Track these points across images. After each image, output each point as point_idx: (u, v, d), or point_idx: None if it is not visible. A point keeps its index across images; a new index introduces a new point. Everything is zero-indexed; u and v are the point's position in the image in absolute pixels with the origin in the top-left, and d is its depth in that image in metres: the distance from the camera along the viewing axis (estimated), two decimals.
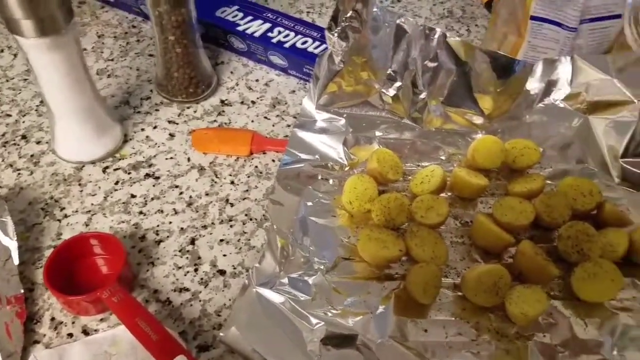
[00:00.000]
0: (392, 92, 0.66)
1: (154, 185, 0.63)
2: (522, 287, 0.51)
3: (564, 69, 0.65)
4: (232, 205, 0.61)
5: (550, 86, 0.65)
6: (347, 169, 0.62)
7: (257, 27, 0.75)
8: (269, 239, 0.53)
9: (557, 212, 0.57)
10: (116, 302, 0.49)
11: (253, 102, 0.73)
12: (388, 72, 0.66)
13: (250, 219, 0.60)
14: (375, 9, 0.63)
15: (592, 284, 0.52)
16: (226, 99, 0.73)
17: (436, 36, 0.64)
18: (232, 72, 0.76)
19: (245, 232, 0.59)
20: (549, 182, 0.62)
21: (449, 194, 0.62)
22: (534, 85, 0.66)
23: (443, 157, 0.65)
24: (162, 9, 0.62)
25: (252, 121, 0.70)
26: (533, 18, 0.68)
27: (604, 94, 0.63)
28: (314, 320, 0.49)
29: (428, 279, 0.51)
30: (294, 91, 0.74)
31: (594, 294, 0.52)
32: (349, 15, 0.62)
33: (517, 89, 0.66)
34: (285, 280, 0.51)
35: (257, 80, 0.76)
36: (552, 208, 0.57)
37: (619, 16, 0.69)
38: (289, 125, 0.70)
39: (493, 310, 0.52)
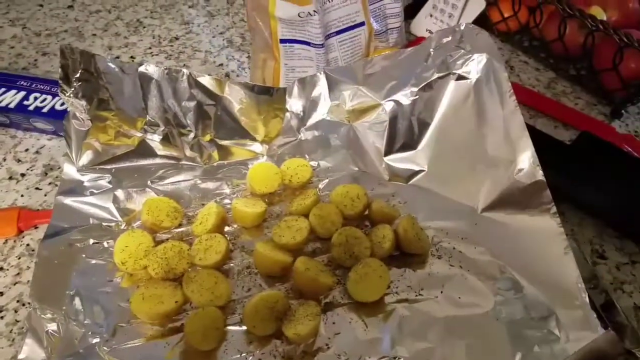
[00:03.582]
0: (157, 137, 0.65)
1: None
2: (296, 306, 0.52)
3: (321, 85, 0.67)
4: (1, 294, 0.57)
5: (314, 102, 0.67)
6: (123, 226, 0.60)
7: (11, 98, 0.70)
8: (30, 326, 0.50)
9: (329, 221, 0.59)
10: None
11: (22, 175, 0.68)
12: (147, 119, 0.64)
13: (23, 304, 0.56)
14: (108, 62, 0.61)
15: (363, 285, 0.54)
16: None
17: (185, 77, 0.63)
18: None
19: (18, 321, 0.55)
20: (327, 192, 0.64)
21: (235, 226, 0.62)
22: (297, 104, 0.67)
23: (228, 191, 0.65)
24: None
25: (22, 195, 0.66)
26: (282, 41, 0.70)
27: (357, 102, 0.66)
28: None
29: (207, 324, 0.50)
30: (67, 153, 0.71)
31: (366, 294, 0.54)
32: (78, 75, 0.60)
33: (280, 112, 0.67)
34: None
35: (26, 150, 0.71)
36: (324, 219, 0.59)
37: (362, 24, 0.72)
38: None
39: (279, 335, 0.51)
